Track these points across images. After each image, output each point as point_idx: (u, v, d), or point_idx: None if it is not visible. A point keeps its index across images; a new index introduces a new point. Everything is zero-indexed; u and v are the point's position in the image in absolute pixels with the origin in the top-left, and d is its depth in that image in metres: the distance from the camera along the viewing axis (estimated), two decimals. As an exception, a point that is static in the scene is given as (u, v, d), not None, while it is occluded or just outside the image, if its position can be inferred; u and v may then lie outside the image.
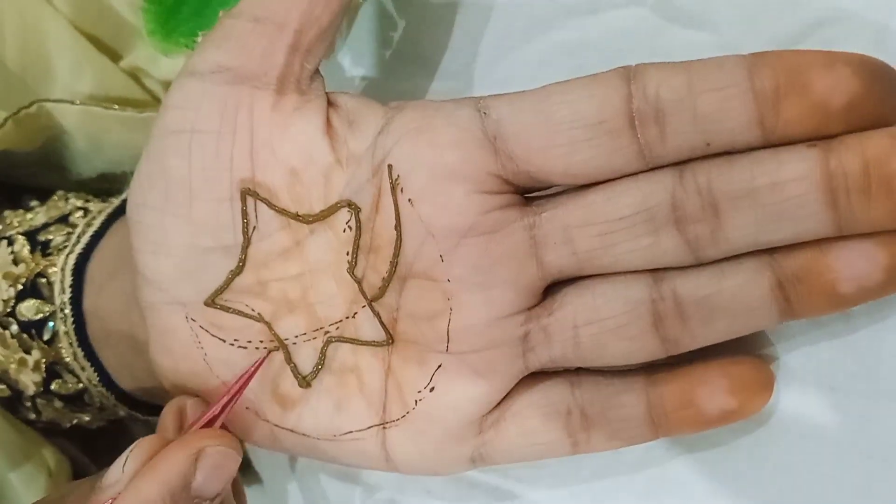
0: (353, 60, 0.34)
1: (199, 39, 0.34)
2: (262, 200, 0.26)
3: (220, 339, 0.27)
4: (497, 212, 0.25)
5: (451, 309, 0.25)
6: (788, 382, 0.25)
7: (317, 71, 0.26)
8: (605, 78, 0.23)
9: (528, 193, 0.25)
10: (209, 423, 0.26)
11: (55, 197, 0.36)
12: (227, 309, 0.26)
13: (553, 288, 0.25)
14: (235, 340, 0.27)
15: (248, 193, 0.26)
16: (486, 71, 0.30)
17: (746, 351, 0.25)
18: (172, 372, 0.27)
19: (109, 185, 0.38)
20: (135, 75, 0.37)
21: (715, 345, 0.24)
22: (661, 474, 0.27)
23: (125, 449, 0.25)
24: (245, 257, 0.26)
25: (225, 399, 0.26)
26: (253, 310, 0.26)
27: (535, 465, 0.28)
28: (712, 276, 0.23)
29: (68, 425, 0.35)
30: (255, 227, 0.26)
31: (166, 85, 0.37)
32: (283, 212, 0.26)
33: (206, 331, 0.26)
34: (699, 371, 0.25)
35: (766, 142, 0.22)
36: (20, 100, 0.35)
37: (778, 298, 0.23)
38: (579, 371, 0.26)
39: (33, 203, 0.36)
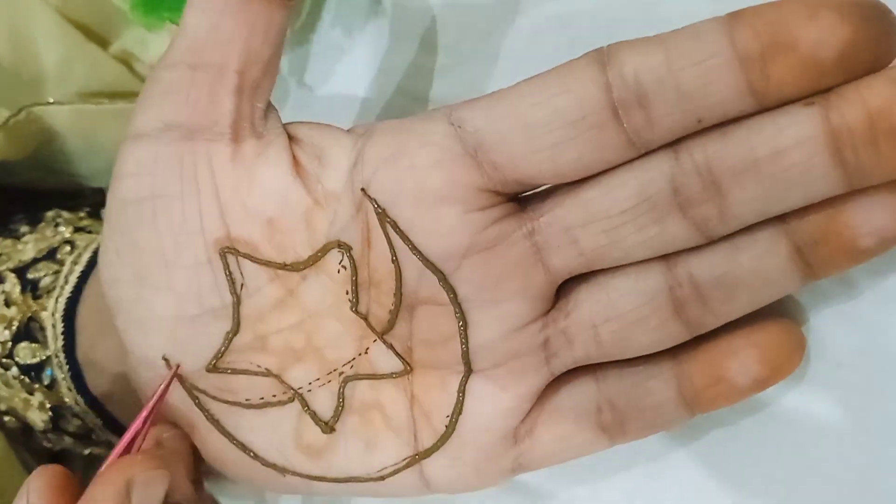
0: (343, 33, 0.33)
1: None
2: (244, 256, 0.24)
3: (229, 402, 0.26)
4: (494, 226, 0.23)
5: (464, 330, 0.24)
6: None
7: (269, 105, 0.25)
8: (579, 67, 0.22)
9: (522, 194, 0.24)
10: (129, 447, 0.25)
11: (43, 223, 0.35)
12: (230, 371, 0.25)
13: (566, 285, 0.24)
14: (247, 400, 0.26)
15: (228, 251, 0.24)
16: (477, 44, 0.29)
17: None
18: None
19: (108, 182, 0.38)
20: (125, 61, 0.36)
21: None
22: (661, 454, 0.26)
23: None
24: (239, 317, 0.25)
25: (138, 422, 0.25)
26: (258, 366, 0.25)
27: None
28: (727, 252, 0.22)
29: (83, 453, 0.35)
30: (242, 284, 0.25)
31: (156, 69, 0.37)
32: (269, 264, 0.25)
33: (214, 397, 0.26)
34: (726, 343, 0.23)
35: (760, 107, 0.21)
36: (16, 97, 0.35)
37: (798, 264, 0.22)
38: (604, 363, 0.25)
39: (23, 229, 0.35)
